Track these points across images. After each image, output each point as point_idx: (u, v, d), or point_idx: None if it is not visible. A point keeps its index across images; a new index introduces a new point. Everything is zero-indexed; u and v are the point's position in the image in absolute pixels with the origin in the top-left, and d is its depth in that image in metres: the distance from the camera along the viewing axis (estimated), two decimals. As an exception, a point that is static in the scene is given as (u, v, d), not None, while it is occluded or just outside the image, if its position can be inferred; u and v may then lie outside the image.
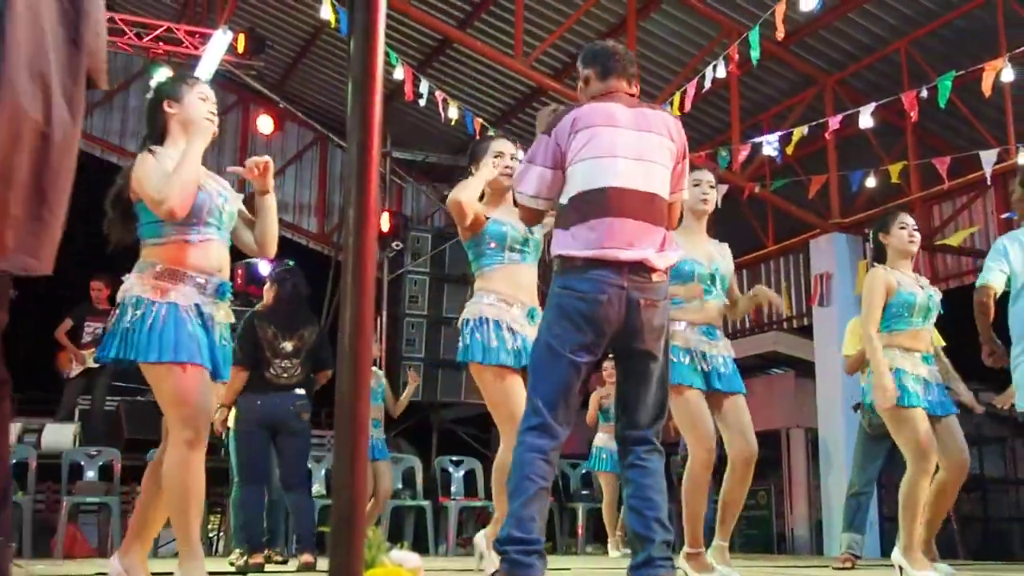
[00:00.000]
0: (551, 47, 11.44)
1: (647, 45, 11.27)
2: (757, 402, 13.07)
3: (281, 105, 14.96)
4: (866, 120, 9.00)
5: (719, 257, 4.98)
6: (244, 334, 6.50)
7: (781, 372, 13.61)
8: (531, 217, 3.84)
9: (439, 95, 10.41)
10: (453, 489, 10.43)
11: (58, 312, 10.74)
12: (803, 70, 11.24)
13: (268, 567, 6.51)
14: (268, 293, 6.81)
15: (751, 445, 4.76)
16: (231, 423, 6.74)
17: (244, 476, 6.66)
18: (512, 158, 4.74)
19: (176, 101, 3.84)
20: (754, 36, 8.66)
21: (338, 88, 14.79)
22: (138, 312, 3.58)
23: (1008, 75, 8.05)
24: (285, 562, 6.89)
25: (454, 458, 10.85)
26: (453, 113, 10.43)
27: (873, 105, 8.98)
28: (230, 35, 11.23)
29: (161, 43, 11.85)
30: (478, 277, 4.67)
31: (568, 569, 6.47)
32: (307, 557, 6.33)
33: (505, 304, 4.54)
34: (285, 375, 6.50)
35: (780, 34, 8.39)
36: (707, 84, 9.29)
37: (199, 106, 3.83)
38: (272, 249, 3.98)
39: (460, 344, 4.58)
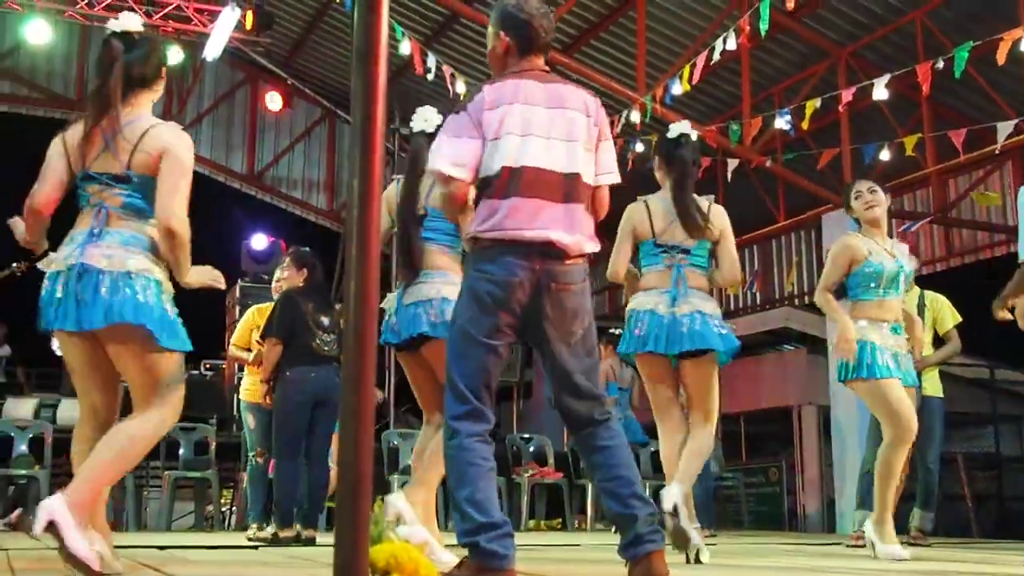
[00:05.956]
0: (559, 21, 11.34)
1: (656, 18, 11.13)
2: (768, 378, 13.19)
3: (289, 82, 14.93)
4: (880, 92, 8.88)
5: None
6: (284, 308, 6.68)
7: (792, 348, 13.55)
8: (454, 195, 3.45)
9: (447, 69, 10.32)
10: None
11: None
12: (815, 42, 11.09)
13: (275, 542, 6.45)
14: (298, 276, 6.95)
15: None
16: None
17: (285, 451, 6.60)
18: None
19: None
20: (764, 7, 8.53)
21: (346, 64, 14.67)
22: None
23: (1026, 44, 7.91)
24: (313, 540, 6.67)
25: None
26: (461, 87, 10.35)
27: (888, 77, 8.85)
28: (238, 12, 11.20)
29: (171, 21, 11.87)
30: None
31: (577, 545, 6.43)
32: (311, 532, 6.36)
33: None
34: (327, 347, 6.63)
35: (790, 4, 8.29)
36: (717, 56, 9.18)
37: None
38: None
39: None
